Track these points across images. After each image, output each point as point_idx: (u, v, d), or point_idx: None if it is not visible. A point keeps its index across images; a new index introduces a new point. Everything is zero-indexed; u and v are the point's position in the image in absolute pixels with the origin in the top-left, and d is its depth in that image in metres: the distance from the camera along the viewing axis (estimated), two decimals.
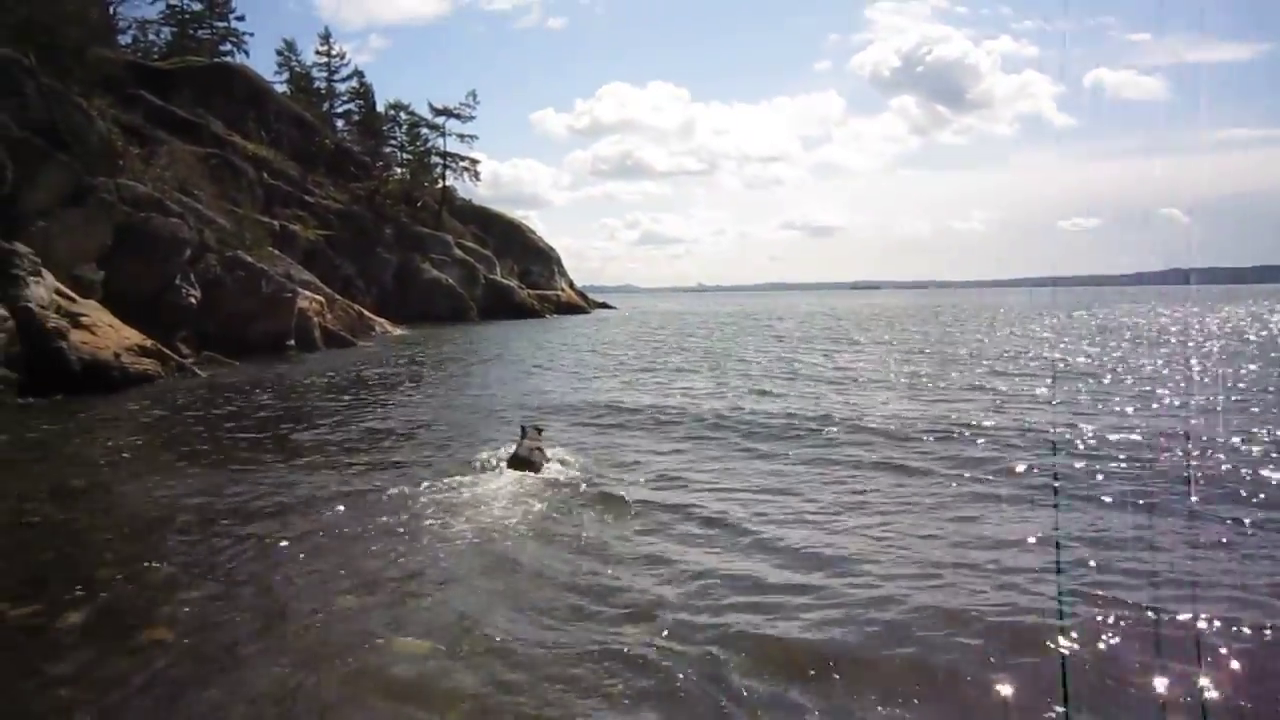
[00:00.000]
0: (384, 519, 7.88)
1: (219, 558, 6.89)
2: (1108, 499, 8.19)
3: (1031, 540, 7.04)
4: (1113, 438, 11.13)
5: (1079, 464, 9.74)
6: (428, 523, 7.77)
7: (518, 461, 9.68)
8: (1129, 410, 13.69)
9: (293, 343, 26.47)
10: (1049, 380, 18.40)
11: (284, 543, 7.25)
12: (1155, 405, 14.32)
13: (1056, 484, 8.89)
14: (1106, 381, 17.72)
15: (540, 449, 10.18)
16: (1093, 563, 6.42)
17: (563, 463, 10.23)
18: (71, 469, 10.42)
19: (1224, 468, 9.38)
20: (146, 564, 6.75)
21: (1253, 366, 19.90)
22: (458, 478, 9.45)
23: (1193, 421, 12.81)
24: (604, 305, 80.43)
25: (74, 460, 11.01)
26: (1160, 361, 22.31)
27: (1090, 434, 11.40)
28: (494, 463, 10.12)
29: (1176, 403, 14.83)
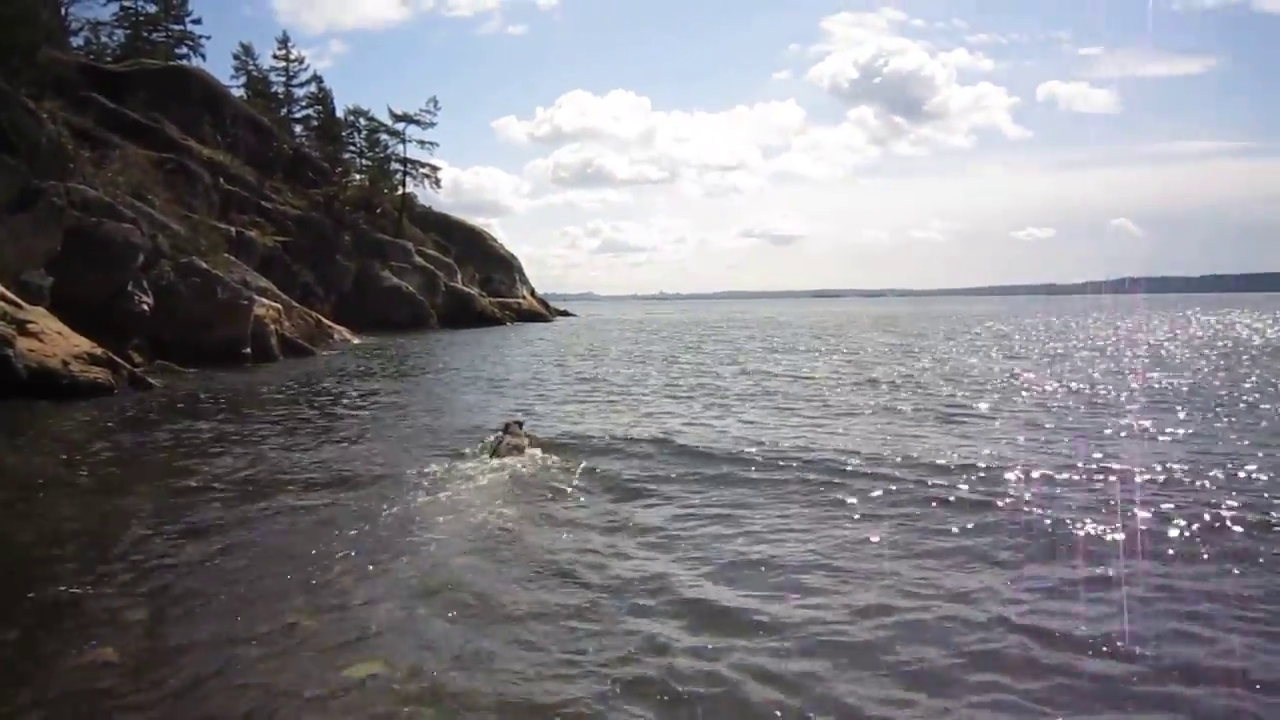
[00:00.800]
0: (354, 523, 7.74)
1: (169, 576, 6.69)
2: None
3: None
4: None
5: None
6: (417, 508, 7.66)
7: (501, 451, 10.69)
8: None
9: (249, 351, 25.97)
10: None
11: (239, 560, 7.09)
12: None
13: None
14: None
15: (520, 443, 11.05)
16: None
17: (543, 451, 11.18)
18: (12, 482, 10.08)
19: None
20: (93, 581, 6.54)
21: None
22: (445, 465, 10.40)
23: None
24: (565, 313, 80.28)
25: (15, 473, 10.67)
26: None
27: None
28: (478, 452, 11.25)
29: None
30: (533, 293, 72.98)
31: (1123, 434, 12.70)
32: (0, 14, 26.00)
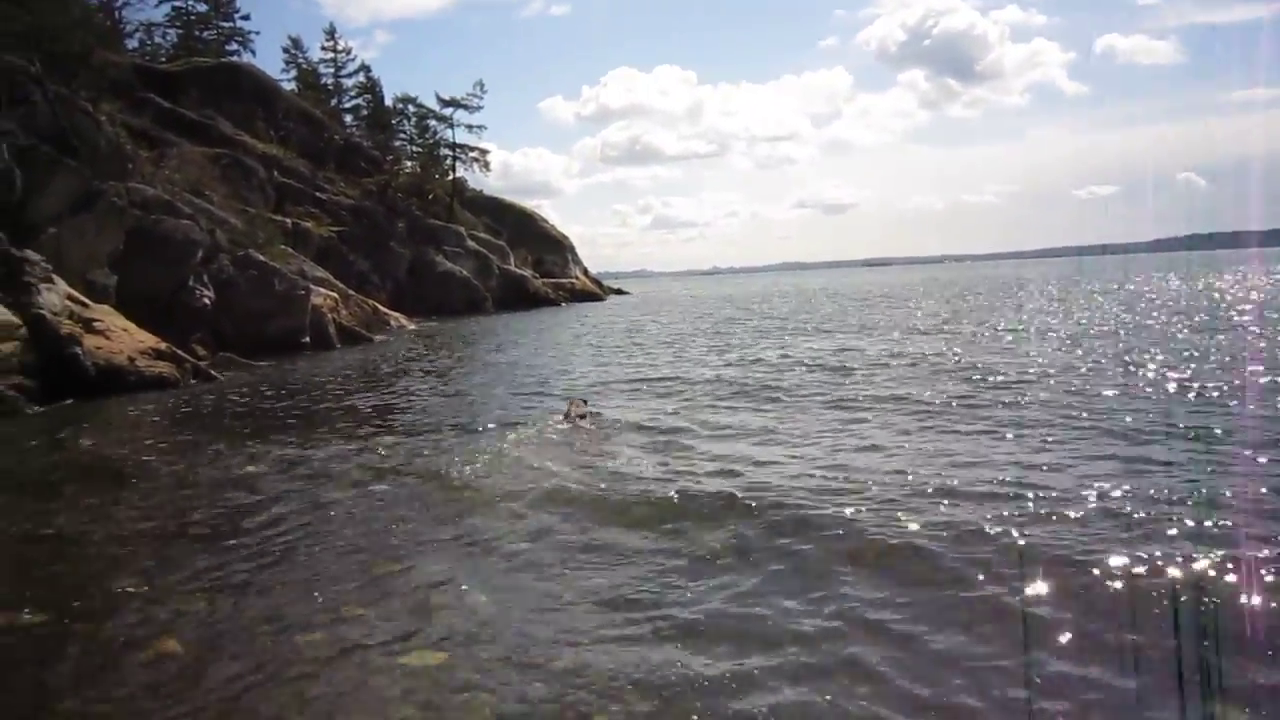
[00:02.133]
0: (415, 508, 7.83)
1: (233, 566, 6.77)
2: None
3: None
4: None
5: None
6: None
7: (569, 418, 12.08)
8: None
9: (308, 340, 26.45)
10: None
11: (300, 549, 7.17)
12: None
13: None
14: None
15: (585, 414, 12.33)
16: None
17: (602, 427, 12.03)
18: (86, 480, 10.35)
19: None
20: (161, 574, 6.65)
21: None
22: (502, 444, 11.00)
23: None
24: (619, 291, 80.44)
25: (88, 470, 10.96)
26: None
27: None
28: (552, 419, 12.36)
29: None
30: (585, 272, 73.13)
31: None
32: (55, 21, 26.63)
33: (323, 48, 62.90)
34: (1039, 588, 5.52)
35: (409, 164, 59.48)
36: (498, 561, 6.68)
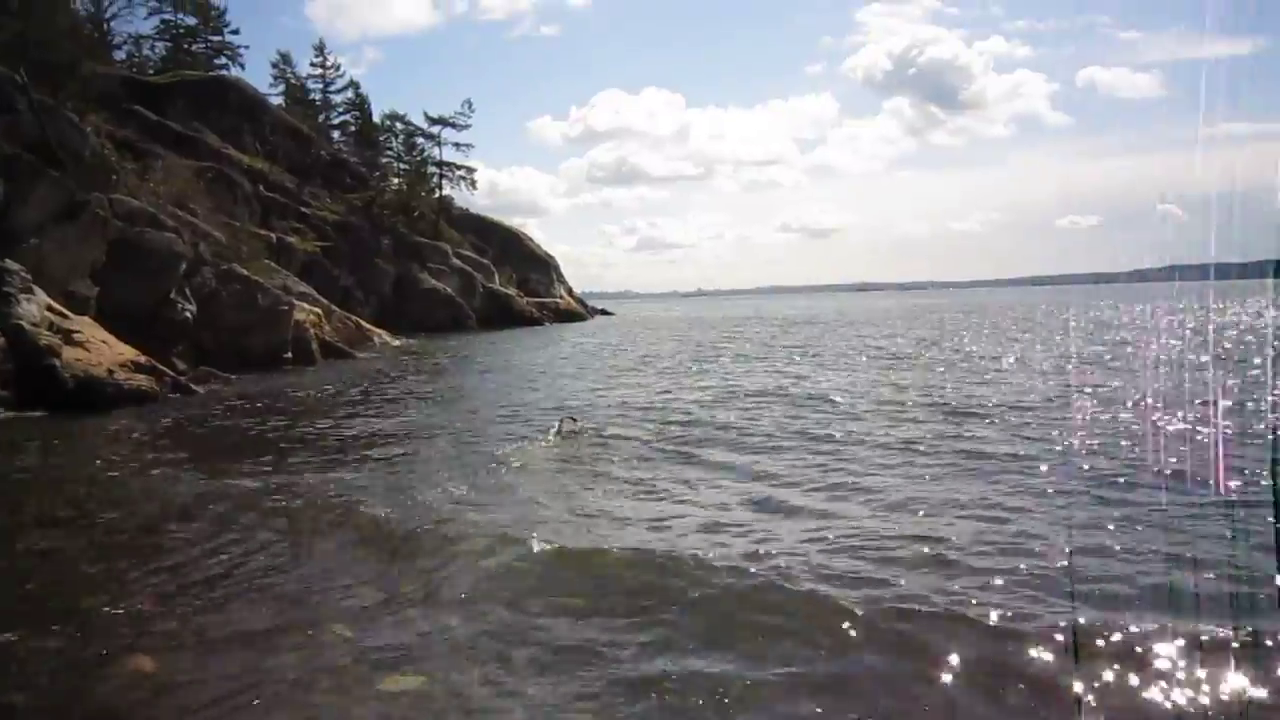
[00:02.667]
0: (397, 527, 7.78)
1: (208, 585, 6.72)
2: None
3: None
4: None
5: None
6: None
7: (562, 433, 12.85)
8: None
9: (290, 355, 26.31)
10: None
11: (278, 569, 7.13)
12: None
13: None
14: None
15: (575, 431, 13.07)
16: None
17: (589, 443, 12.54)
18: (58, 493, 10.25)
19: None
20: (131, 592, 6.59)
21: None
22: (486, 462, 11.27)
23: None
24: (603, 312, 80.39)
25: (61, 484, 10.84)
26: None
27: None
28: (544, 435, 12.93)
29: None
30: (570, 292, 73.10)
31: None
32: (43, 31, 26.60)
33: (312, 63, 63.01)
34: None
35: (395, 180, 59.53)
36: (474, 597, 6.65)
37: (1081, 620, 5.37)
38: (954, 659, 5.01)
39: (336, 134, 62.49)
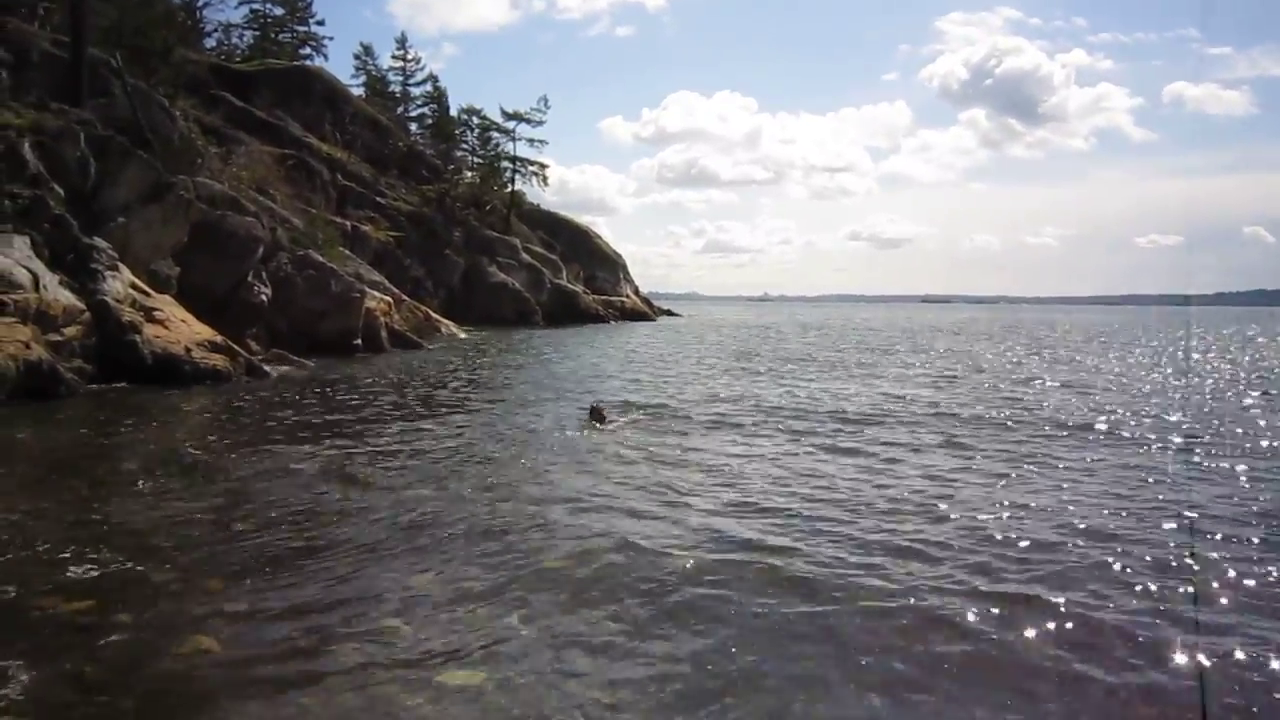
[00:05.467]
0: (454, 515, 7.79)
1: (275, 566, 6.75)
2: None
3: None
4: None
5: None
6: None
7: (595, 414, 13.93)
8: None
9: (360, 342, 26.71)
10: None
11: (340, 554, 7.14)
12: None
13: None
14: None
15: (605, 420, 13.86)
16: None
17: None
18: (135, 467, 10.45)
19: None
20: (201, 569, 6.66)
21: None
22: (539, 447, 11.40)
23: None
24: (669, 312, 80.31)
25: (138, 458, 11.07)
26: None
27: None
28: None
29: None
30: (636, 291, 73.13)
31: None
32: (140, 17, 27.47)
33: (393, 56, 64.28)
34: None
35: (469, 174, 60.20)
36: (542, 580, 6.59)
37: None
38: None
39: (414, 126, 63.44)
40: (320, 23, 60.53)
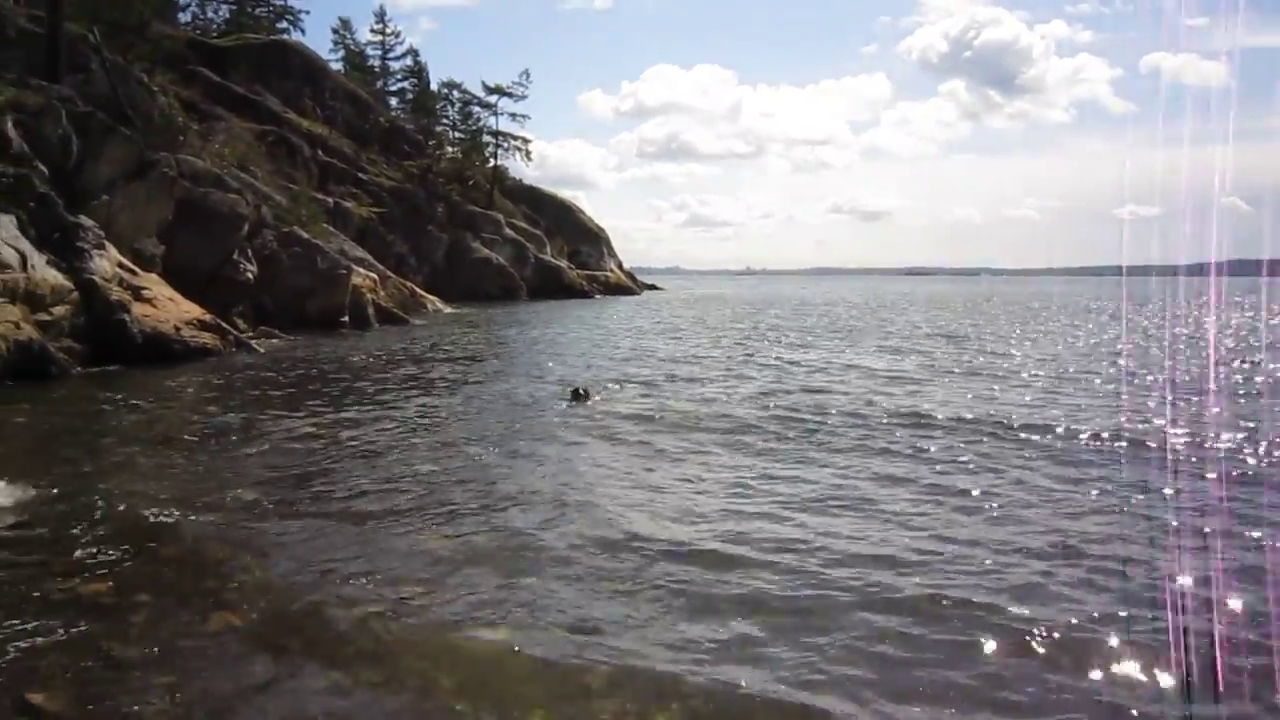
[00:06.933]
0: (459, 481, 7.88)
1: (286, 537, 6.83)
2: None
3: None
4: None
5: None
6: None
7: (576, 395, 13.71)
8: None
9: (346, 319, 26.63)
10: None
11: (349, 521, 7.22)
12: None
13: None
14: None
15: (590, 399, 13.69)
16: None
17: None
18: (137, 444, 10.45)
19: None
20: (212, 543, 6.70)
21: None
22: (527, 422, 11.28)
23: None
24: (652, 287, 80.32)
25: (140, 434, 11.05)
26: None
27: None
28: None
29: None
30: (620, 266, 72.95)
31: None
32: None
33: (371, 30, 63.43)
34: None
35: (451, 149, 59.80)
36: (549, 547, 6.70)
37: None
38: None
39: (394, 101, 62.90)
40: None
